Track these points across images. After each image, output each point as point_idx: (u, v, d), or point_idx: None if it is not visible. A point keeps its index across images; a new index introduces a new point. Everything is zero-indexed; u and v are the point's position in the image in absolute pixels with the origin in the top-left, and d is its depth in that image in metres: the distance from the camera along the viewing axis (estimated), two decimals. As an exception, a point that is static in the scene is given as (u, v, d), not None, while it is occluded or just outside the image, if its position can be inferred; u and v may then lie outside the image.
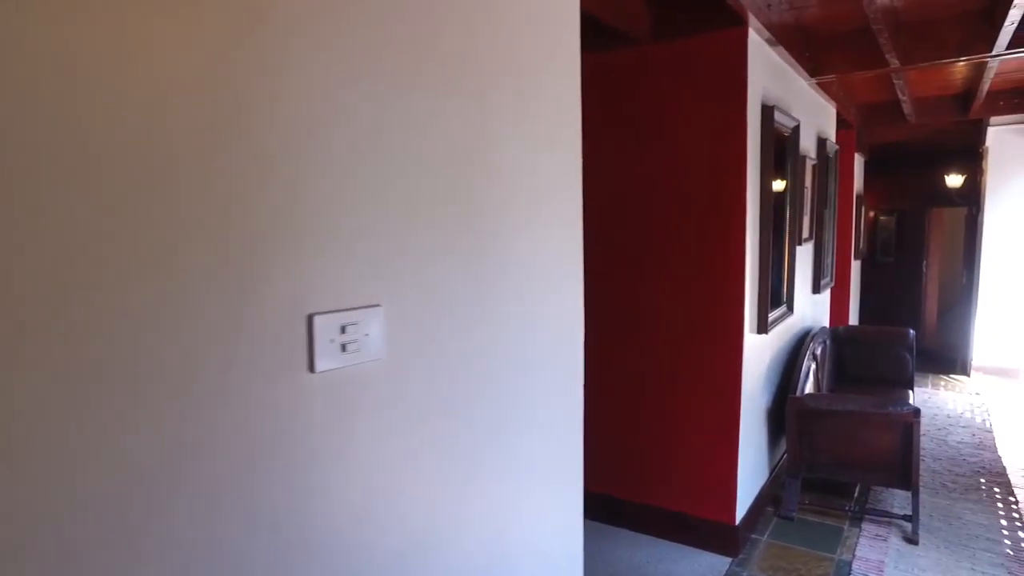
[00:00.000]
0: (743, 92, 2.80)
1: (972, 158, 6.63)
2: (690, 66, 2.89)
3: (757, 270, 3.01)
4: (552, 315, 1.50)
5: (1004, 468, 4.03)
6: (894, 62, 3.53)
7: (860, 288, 7.70)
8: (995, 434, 4.64)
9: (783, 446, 3.69)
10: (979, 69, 4.31)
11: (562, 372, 1.57)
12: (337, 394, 1.00)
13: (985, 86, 4.65)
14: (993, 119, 5.89)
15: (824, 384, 4.26)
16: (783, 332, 3.66)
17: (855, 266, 6.84)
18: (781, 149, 3.51)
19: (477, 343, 1.27)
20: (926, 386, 5.92)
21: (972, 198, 6.66)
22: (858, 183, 6.85)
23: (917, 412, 2.96)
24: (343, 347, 1.00)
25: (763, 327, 3.05)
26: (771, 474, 3.64)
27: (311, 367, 0.96)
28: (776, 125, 3.15)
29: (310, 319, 0.95)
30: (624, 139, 3.08)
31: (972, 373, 6.11)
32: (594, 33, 2.86)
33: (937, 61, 3.62)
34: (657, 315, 3.07)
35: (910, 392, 4.40)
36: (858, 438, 3.21)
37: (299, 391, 0.95)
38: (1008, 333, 5.89)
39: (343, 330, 1.00)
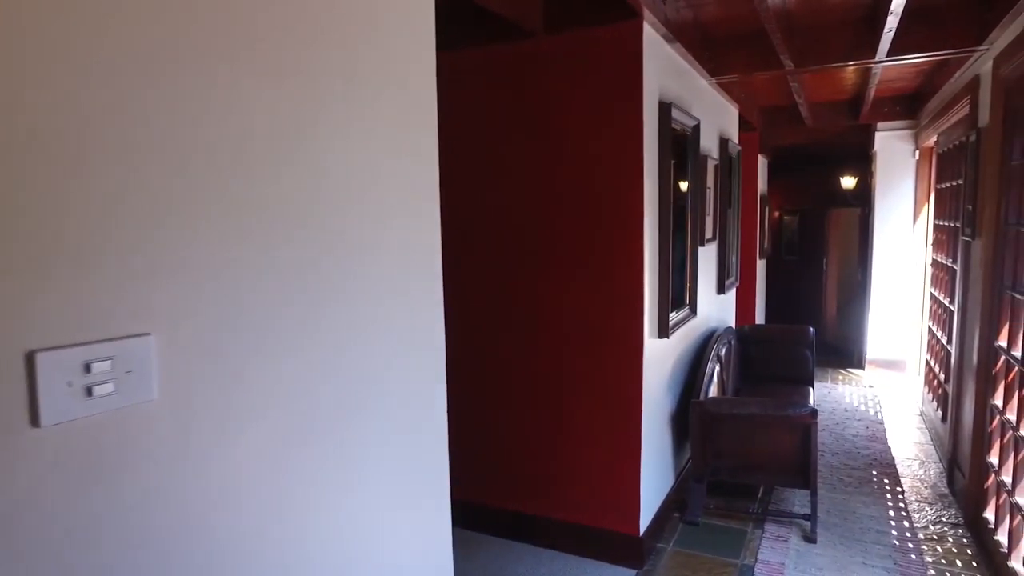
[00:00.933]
0: (639, 88, 2.71)
1: (864, 161, 6.97)
2: (585, 60, 2.78)
3: (657, 272, 2.94)
4: (401, 329, 1.31)
5: (893, 459, 4.18)
6: (789, 64, 3.56)
7: (766, 286, 7.95)
8: (885, 425, 4.84)
9: (689, 450, 3.66)
10: (865, 75, 4.47)
11: (417, 393, 1.38)
12: (80, 453, 0.77)
13: (871, 92, 4.84)
14: (880, 124, 6.20)
15: (730, 384, 4.30)
16: (687, 334, 3.63)
17: (760, 265, 7.04)
18: (682, 149, 3.47)
19: (299, 371, 1.06)
20: (826, 381, 6.15)
21: (864, 199, 7.00)
22: (762, 184, 7.06)
23: (814, 414, 2.97)
24: (88, 390, 0.77)
25: (664, 331, 2.99)
26: (677, 479, 3.60)
27: (35, 420, 0.73)
28: (675, 124, 3.09)
29: (30, 357, 0.72)
30: (517, 136, 2.94)
31: (867, 367, 6.40)
32: (483, 24, 2.69)
33: (827, 65, 3.70)
34: (554, 320, 2.94)
35: (810, 389, 4.51)
36: (760, 440, 3.20)
37: (16, 453, 0.71)
38: (896, 328, 6.20)
39: (88, 368, 0.77)
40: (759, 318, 7.09)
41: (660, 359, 3.12)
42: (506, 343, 3.06)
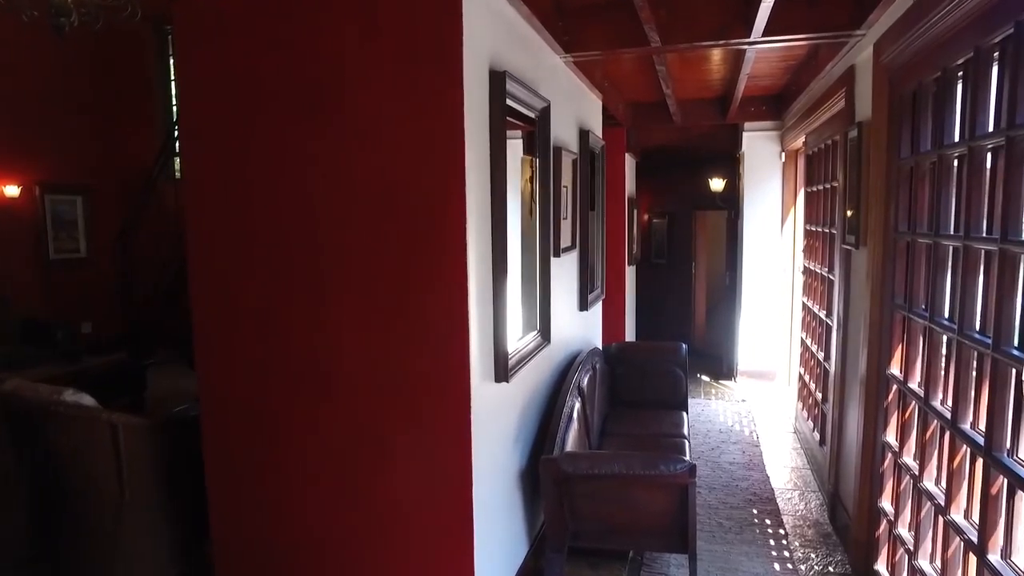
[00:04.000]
0: (457, 49, 1.94)
1: (732, 163, 6.74)
2: (381, 8, 1.98)
3: (490, 296, 2.19)
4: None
5: (772, 491, 3.76)
6: (655, 39, 2.97)
7: (636, 293, 7.57)
8: (762, 448, 4.46)
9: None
10: (735, 67, 4.05)
11: None
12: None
13: (740, 89, 4.46)
14: (747, 125, 5.94)
15: (595, 417, 3.67)
16: (539, 366, 2.93)
17: (630, 272, 6.61)
18: (529, 137, 2.77)
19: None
20: (699, 396, 5.78)
21: (732, 202, 6.78)
22: (630, 185, 6.63)
23: (692, 471, 2.36)
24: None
25: (502, 373, 2.25)
26: (533, 544, 2.89)
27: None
28: (515, 103, 2.37)
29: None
30: (295, 115, 2.08)
31: (738, 377, 6.14)
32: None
33: (697, 44, 3.16)
34: (350, 363, 2.11)
35: (684, 416, 4.00)
36: (627, 502, 2.56)
37: None
38: (766, 336, 5.98)
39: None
40: (629, 330, 6.66)
41: (499, 407, 2.38)
42: (285, 392, 2.18)
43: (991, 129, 1.78)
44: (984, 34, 1.74)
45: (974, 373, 1.87)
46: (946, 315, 2.11)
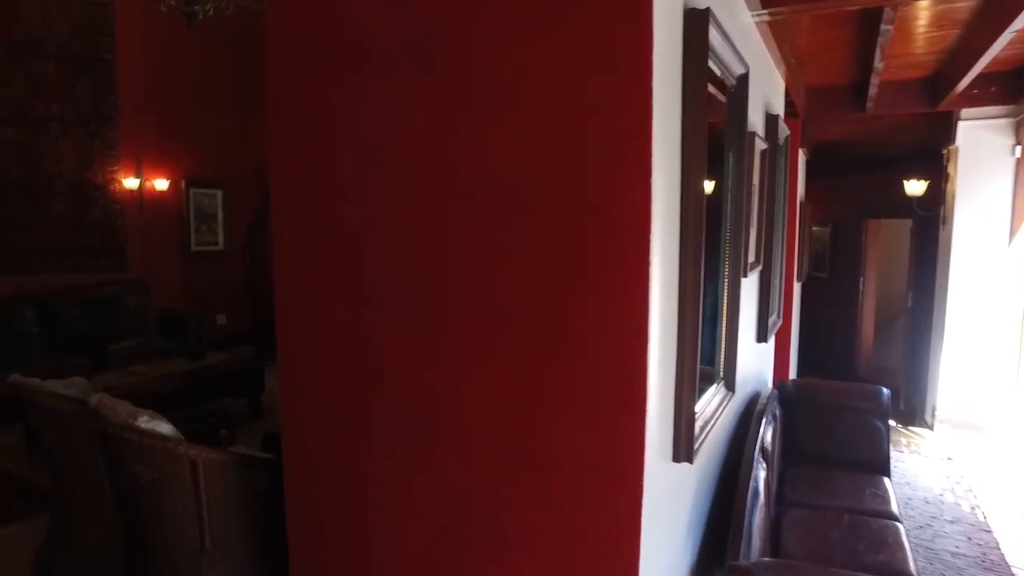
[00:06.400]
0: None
1: (935, 160, 5.49)
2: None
3: (673, 340, 1.51)
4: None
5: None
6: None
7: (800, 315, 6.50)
8: (995, 534, 3.38)
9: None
10: (980, 28, 3.04)
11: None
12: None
13: (983, 61, 3.37)
14: (965, 112, 4.75)
15: (775, 476, 2.85)
16: (721, 425, 2.20)
17: (796, 290, 5.60)
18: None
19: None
20: (883, 444, 4.67)
21: (931, 207, 5.54)
22: (800, 187, 5.62)
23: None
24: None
25: (685, 449, 1.56)
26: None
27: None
28: (714, 61, 1.67)
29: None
30: (391, 76, 1.51)
31: (936, 426, 4.94)
32: None
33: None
34: (460, 421, 1.51)
35: (887, 482, 3.07)
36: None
37: None
38: (977, 376, 4.74)
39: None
40: (793, 361, 5.64)
41: (676, 493, 1.69)
42: (377, 446, 1.63)
43: None
44: None
45: None
46: None
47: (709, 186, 1.98)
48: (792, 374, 5.27)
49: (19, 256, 5.64)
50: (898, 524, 2.65)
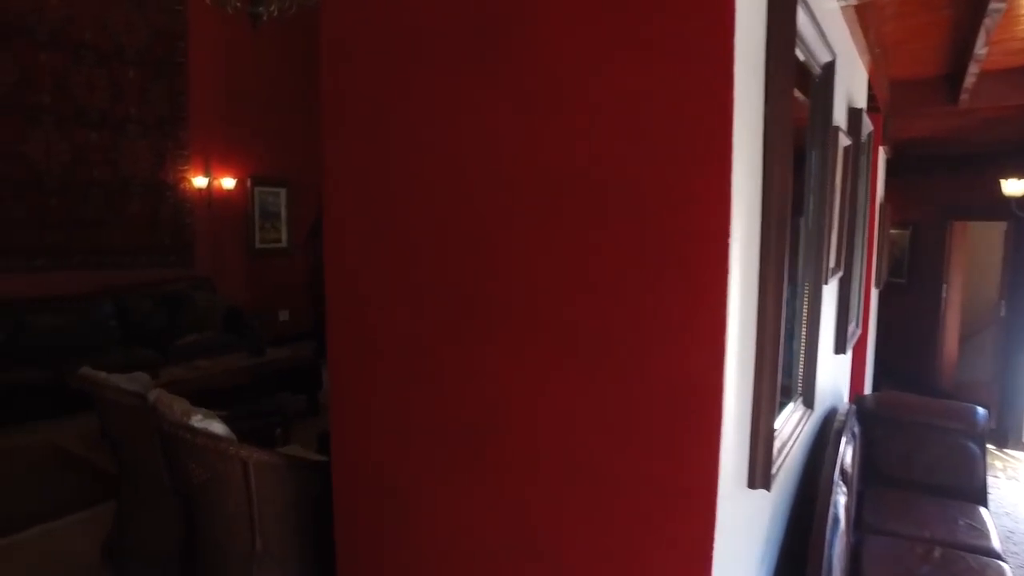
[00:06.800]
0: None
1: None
2: None
3: (751, 355, 1.37)
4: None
5: None
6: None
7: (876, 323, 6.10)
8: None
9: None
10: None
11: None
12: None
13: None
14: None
15: (854, 494, 2.63)
16: (796, 453, 2.02)
17: (874, 296, 5.25)
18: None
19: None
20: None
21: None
22: (880, 187, 5.26)
23: None
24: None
25: (763, 476, 1.41)
26: None
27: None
28: (800, 47, 1.52)
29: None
30: (448, 70, 1.42)
31: (1033, 449, 4.52)
32: None
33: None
34: (512, 439, 1.41)
35: (984, 513, 2.79)
36: None
37: None
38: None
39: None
40: (868, 374, 5.28)
41: (751, 522, 1.54)
42: (424, 460, 1.56)
43: None
44: None
45: None
46: None
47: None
48: (868, 388, 4.92)
49: (100, 253, 5.92)
50: (1002, 564, 2.39)
